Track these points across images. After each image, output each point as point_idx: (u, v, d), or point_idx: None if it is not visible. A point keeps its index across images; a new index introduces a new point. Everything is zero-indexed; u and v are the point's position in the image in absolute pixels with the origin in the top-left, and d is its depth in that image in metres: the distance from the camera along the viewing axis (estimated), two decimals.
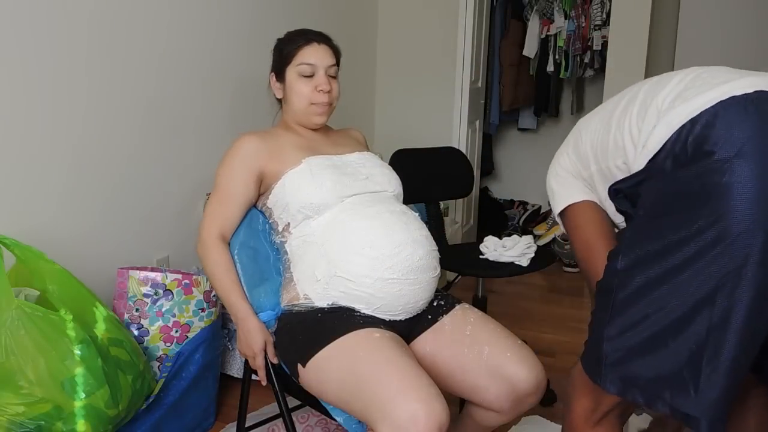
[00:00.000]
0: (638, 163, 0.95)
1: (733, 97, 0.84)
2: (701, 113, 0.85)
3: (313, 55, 1.44)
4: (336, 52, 1.50)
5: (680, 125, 0.87)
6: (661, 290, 0.86)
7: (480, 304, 2.13)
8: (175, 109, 2.03)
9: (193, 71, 2.08)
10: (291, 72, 1.45)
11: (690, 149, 0.85)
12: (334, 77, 1.48)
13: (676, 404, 0.87)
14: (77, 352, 1.30)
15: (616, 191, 1.01)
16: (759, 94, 0.84)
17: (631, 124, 0.99)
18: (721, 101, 0.85)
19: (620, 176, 1.02)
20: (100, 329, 1.41)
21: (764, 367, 0.99)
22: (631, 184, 0.97)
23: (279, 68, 1.48)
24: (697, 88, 0.90)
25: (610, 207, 1.13)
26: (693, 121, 0.85)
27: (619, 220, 1.13)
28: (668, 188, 0.88)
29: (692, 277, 0.83)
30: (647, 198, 0.93)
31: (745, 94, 0.84)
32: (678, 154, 0.87)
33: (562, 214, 1.22)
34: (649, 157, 0.92)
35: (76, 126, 1.69)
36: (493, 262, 2.01)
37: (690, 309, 0.83)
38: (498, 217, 4.21)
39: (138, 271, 1.63)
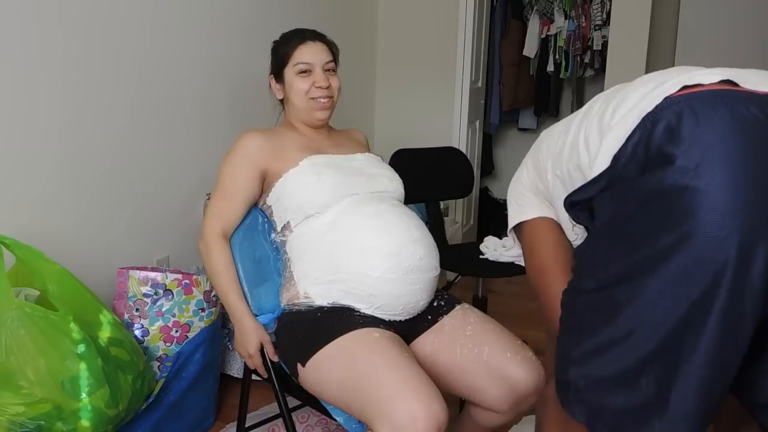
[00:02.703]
0: (598, 166, 0.83)
1: (700, 93, 0.74)
2: (664, 111, 0.75)
3: (309, 54, 1.45)
4: (332, 48, 1.51)
5: (641, 116, 0.77)
6: (626, 314, 0.77)
7: (480, 304, 2.13)
8: (175, 109, 2.03)
9: (192, 71, 2.08)
10: (289, 72, 1.47)
11: (652, 152, 0.74)
12: (333, 72, 1.50)
13: None
14: (77, 351, 1.30)
15: (572, 204, 0.90)
16: (728, 92, 0.73)
17: (590, 124, 0.89)
18: (687, 98, 0.74)
19: (578, 183, 0.90)
20: (105, 333, 1.41)
21: (750, 398, 0.90)
22: (589, 194, 0.85)
23: (277, 70, 1.50)
24: (661, 78, 0.82)
25: (566, 221, 1.02)
26: (655, 121, 0.75)
27: (574, 237, 1.04)
28: (628, 198, 0.77)
29: (658, 303, 0.73)
30: (605, 210, 0.83)
31: (713, 90, 0.74)
32: (639, 159, 0.76)
33: (517, 233, 1.14)
34: (610, 158, 0.81)
35: (75, 126, 1.69)
36: (493, 262, 2.00)
37: (659, 339, 0.74)
38: (498, 217, 4.19)
39: (138, 271, 1.63)
